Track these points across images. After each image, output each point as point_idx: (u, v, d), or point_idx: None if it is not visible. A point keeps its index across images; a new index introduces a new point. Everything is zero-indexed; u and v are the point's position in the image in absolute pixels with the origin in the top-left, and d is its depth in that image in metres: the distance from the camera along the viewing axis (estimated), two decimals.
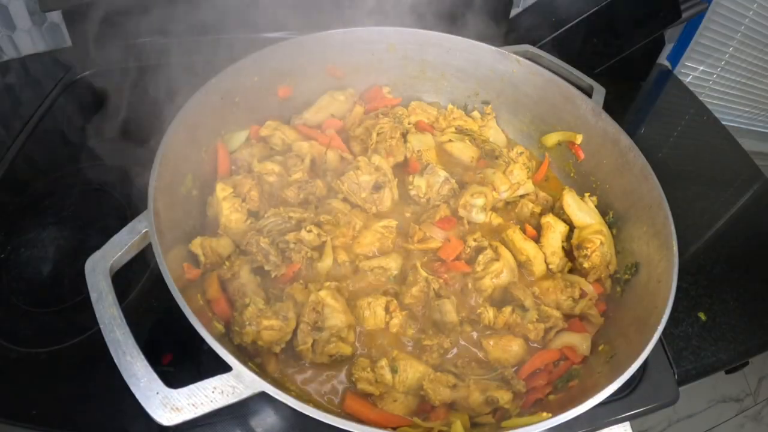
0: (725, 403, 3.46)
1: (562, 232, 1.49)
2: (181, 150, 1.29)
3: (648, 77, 2.59)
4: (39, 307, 1.34)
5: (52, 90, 1.88)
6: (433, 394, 1.16)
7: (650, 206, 1.39)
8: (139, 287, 1.38)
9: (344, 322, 1.21)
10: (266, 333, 1.14)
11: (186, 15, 1.92)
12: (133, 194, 1.50)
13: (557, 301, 1.38)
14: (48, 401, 1.18)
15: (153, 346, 1.26)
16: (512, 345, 1.28)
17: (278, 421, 1.21)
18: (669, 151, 2.21)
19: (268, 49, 1.53)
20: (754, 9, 2.80)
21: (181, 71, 1.76)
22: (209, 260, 1.27)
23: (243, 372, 0.93)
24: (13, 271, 1.41)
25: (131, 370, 0.93)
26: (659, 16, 2.31)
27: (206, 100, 1.39)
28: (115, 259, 1.07)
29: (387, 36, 1.71)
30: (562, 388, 1.21)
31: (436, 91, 1.88)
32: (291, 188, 1.45)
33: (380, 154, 1.56)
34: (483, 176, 1.58)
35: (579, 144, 1.65)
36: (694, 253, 1.78)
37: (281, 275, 1.29)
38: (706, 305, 1.64)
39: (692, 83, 3.10)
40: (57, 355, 1.25)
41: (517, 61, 1.70)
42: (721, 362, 1.53)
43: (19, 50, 1.97)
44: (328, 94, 1.71)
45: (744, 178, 2.13)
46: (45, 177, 1.62)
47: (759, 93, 3.34)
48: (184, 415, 0.90)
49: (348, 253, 1.38)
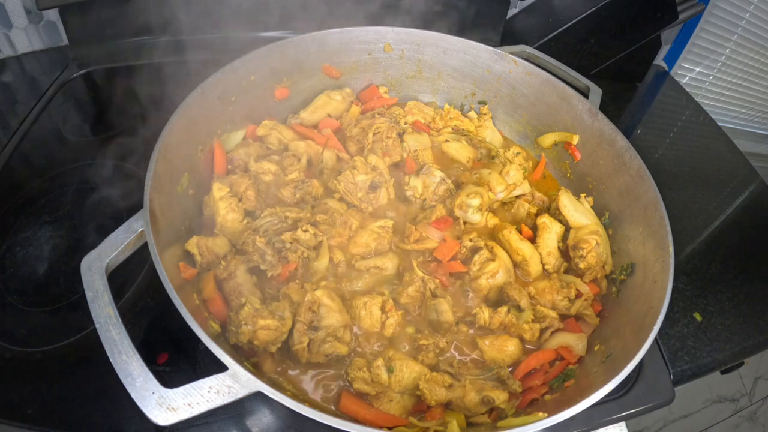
0: (721, 403, 3.48)
1: (558, 232, 1.49)
2: (177, 149, 1.29)
3: (644, 78, 2.60)
4: (34, 306, 1.34)
5: (49, 88, 1.88)
6: (429, 394, 1.16)
7: (646, 207, 1.40)
8: (135, 286, 1.37)
9: (340, 321, 1.21)
10: (262, 333, 1.14)
11: (184, 14, 1.93)
12: (129, 193, 1.49)
13: (553, 302, 1.38)
14: (43, 401, 1.17)
15: (149, 345, 1.27)
16: (508, 345, 1.28)
17: (274, 421, 1.20)
18: (665, 152, 2.21)
19: (264, 48, 1.53)
20: (751, 11, 2.81)
21: (178, 70, 1.76)
22: (205, 260, 1.27)
23: (239, 372, 0.93)
24: (8, 270, 1.40)
25: (127, 370, 0.93)
26: (656, 18, 2.31)
27: (203, 100, 1.39)
28: (111, 258, 1.07)
29: (384, 36, 1.72)
30: (557, 388, 1.21)
31: (432, 91, 1.88)
32: (287, 188, 1.45)
33: (377, 154, 1.56)
34: (479, 176, 1.58)
35: (575, 145, 1.65)
36: (689, 253, 1.79)
37: (277, 275, 1.29)
38: (702, 305, 1.64)
39: (689, 84, 3.11)
40: (52, 354, 1.25)
41: (514, 61, 1.70)
42: (716, 362, 1.53)
43: (16, 48, 1.96)
44: (325, 94, 1.71)
45: (740, 179, 2.14)
46: (41, 175, 1.61)
47: (755, 94, 3.35)
48: (180, 414, 0.90)
49: (344, 252, 1.38)
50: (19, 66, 1.96)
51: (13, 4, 1.85)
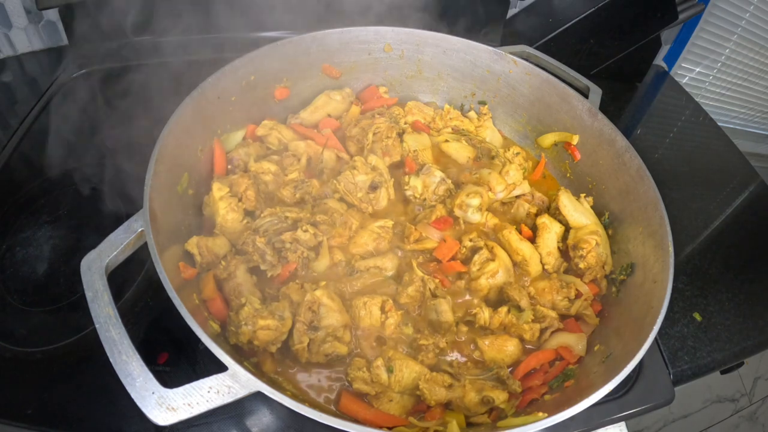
0: (720, 403, 3.47)
1: (557, 232, 1.49)
2: (177, 149, 1.29)
3: (644, 78, 2.60)
4: (34, 306, 1.34)
5: (48, 88, 1.88)
6: (428, 394, 1.16)
7: (646, 207, 1.40)
8: (135, 286, 1.37)
9: (340, 321, 1.21)
10: (262, 333, 1.14)
11: (183, 14, 1.92)
12: (128, 193, 1.49)
13: (553, 302, 1.38)
14: (43, 401, 1.17)
15: (148, 345, 1.27)
16: (508, 345, 1.28)
17: (274, 421, 1.21)
18: (665, 152, 2.21)
19: (264, 48, 1.53)
20: (751, 11, 2.81)
21: (177, 70, 1.76)
22: (205, 260, 1.27)
23: (239, 372, 0.93)
24: (8, 270, 1.40)
25: (127, 370, 0.93)
26: (656, 18, 2.31)
27: (203, 99, 1.39)
28: (111, 258, 1.07)
29: (384, 36, 1.72)
30: (557, 388, 1.21)
31: (432, 91, 1.88)
32: (287, 188, 1.45)
33: (377, 154, 1.56)
34: (479, 176, 1.58)
35: (575, 144, 1.65)
36: (689, 253, 1.79)
37: (277, 275, 1.29)
38: (702, 305, 1.64)
39: (688, 84, 3.11)
40: (52, 354, 1.25)
41: (514, 61, 1.70)
42: (716, 362, 1.53)
43: (15, 48, 1.96)
44: (325, 94, 1.71)
45: (740, 179, 2.14)
46: (41, 175, 1.61)
47: (755, 94, 3.35)
48: (180, 414, 0.90)
49: (344, 253, 1.38)
50: (19, 66, 1.96)
51: (13, 4, 1.85)
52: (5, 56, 1.96)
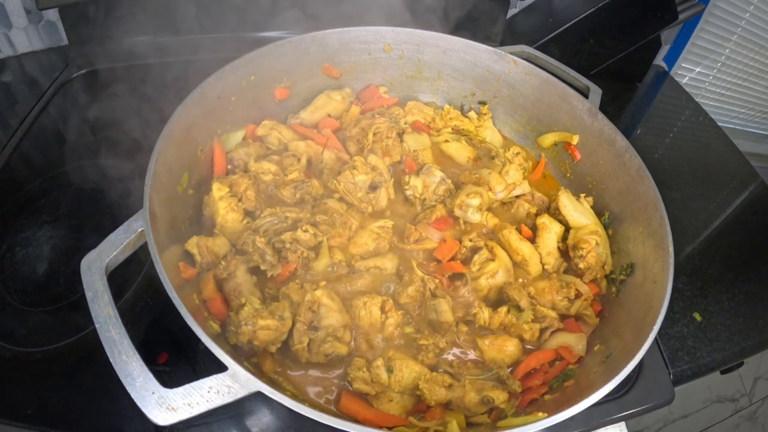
0: (720, 403, 3.47)
1: (557, 232, 1.49)
2: (177, 149, 1.29)
3: (644, 78, 2.60)
4: (34, 306, 1.34)
5: (48, 88, 1.88)
6: (428, 394, 1.16)
7: (646, 207, 1.40)
8: (135, 286, 1.37)
9: (340, 321, 1.21)
10: (262, 333, 1.14)
11: (182, 14, 1.93)
12: (128, 193, 1.49)
13: (553, 302, 1.38)
14: (43, 401, 1.17)
15: (148, 345, 1.27)
16: (508, 345, 1.28)
17: (274, 421, 1.21)
18: (665, 152, 2.21)
19: (264, 48, 1.53)
20: (751, 11, 2.81)
21: (177, 70, 1.76)
22: (205, 260, 1.27)
23: (239, 372, 0.93)
24: (8, 270, 1.40)
25: (127, 370, 0.93)
26: (656, 18, 2.31)
27: (203, 99, 1.39)
28: (111, 258, 1.07)
29: (383, 36, 1.71)
30: (557, 388, 1.21)
31: (432, 91, 1.88)
32: (287, 188, 1.45)
33: (377, 154, 1.56)
34: (479, 176, 1.58)
35: (575, 145, 1.65)
36: (689, 253, 1.79)
37: (277, 275, 1.29)
38: (702, 305, 1.64)
39: (688, 84, 3.11)
40: (52, 354, 1.25)
41: (514, 61, 1.70)
42: (716, 362, 1.53)
43: (15, 48, 1.96)
44: (325, 94, 1.71)
45: (740, 179, 2.14)
46: (41, 175, 1.61)
47: (755, 94, 3.35)
48: (180, 414, 0.90)
49: (344, 253, 1.38)
50: (19, 66, 1.96)
51: (13, 4, 1.85)
52: (5, 56, 1.96)
